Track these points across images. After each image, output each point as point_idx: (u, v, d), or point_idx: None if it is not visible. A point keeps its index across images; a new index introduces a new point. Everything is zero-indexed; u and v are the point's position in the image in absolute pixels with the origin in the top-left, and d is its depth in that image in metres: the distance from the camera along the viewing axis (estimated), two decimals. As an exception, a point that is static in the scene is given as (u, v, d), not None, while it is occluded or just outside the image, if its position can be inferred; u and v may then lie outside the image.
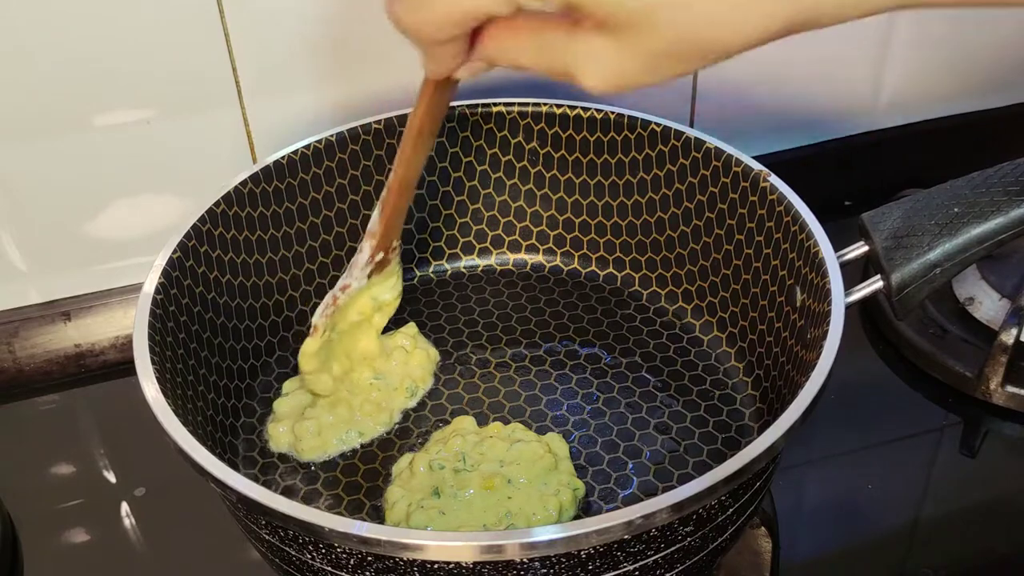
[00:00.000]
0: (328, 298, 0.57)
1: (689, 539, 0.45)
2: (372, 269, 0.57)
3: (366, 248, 0.57)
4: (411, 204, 0.57)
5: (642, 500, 0.41)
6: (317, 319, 0.56)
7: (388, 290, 0.59)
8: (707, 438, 0.57)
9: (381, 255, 0.57)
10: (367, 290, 0.58)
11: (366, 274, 0.57)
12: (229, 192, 0.59)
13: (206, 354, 0.56)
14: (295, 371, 0.61)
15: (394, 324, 0.64)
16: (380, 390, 0.59)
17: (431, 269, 0.70)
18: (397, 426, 0.59)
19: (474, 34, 0.39)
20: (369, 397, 0.59)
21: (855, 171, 0.83)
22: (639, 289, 0.67)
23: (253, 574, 0.56)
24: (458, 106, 0.65)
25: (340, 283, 0.57)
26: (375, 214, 0.56)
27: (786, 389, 0.54)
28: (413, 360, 0.61)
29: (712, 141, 0.61)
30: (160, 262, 0.54)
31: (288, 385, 0.60)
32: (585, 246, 0.69)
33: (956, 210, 0.54)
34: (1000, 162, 0.57)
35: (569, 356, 0.63)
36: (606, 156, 0.65)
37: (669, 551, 0.44)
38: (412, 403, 0.60)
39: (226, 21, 0.62)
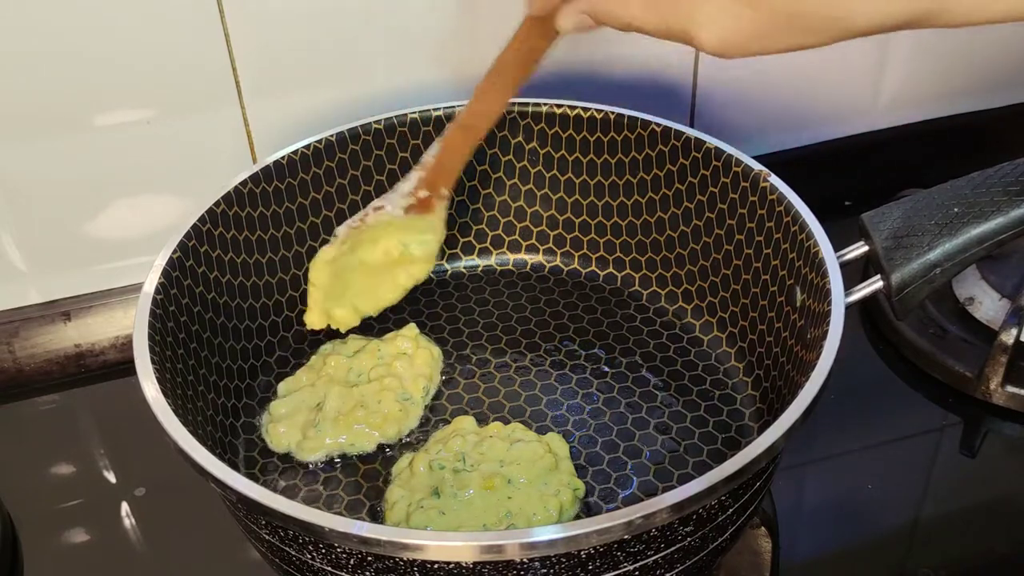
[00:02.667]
0: (359, 213, 0.56)
1: (689, 539, 0.45)
2: (412, 204, 0.56)
3: (413, 177, 0.55)
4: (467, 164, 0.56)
5: (642, 500, 0.41)
6: (340, 228, 0.56)
7: (420, 244, 0.57)
8: (707, 438, 0.57)
9: (425, 194, 0.55)
10: (399, 231, 0.57)
11: (403, 205, 0.56)
12: (229, 192, 0.59)
13: (206, 354, 0.56)
14: (294, 371, 0.61)
15: (394, 325, 0.64)
16: (402, 408, 0.59)
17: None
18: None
19: None
20: (392, 414, 0.58)
21: (855, 171, 0.83)
22: (639, 289, 0.67)
23: (253, 574, 0.56)
24: (459, 106, 0.65)
25: (375, 203, 0.56)
26: (432, 147, 0.55)
27: (786, 389, 0.54)
28: (418, 360, 0.61)
29: (712, 141, 0.61)
30: (160, 262, 0.54)
31: (284, 387, 0.60)
32: (585, 246, 0.69)
33: (956, 210, 0.54)
34: (1000, 162, 0.56)
35: (569, 356, 0.63)
36: (606, 156, 0.65)
37: (669, 551, 0.44)
38: (427, 400, 0.60)
39: (226, 21, 0.62)
